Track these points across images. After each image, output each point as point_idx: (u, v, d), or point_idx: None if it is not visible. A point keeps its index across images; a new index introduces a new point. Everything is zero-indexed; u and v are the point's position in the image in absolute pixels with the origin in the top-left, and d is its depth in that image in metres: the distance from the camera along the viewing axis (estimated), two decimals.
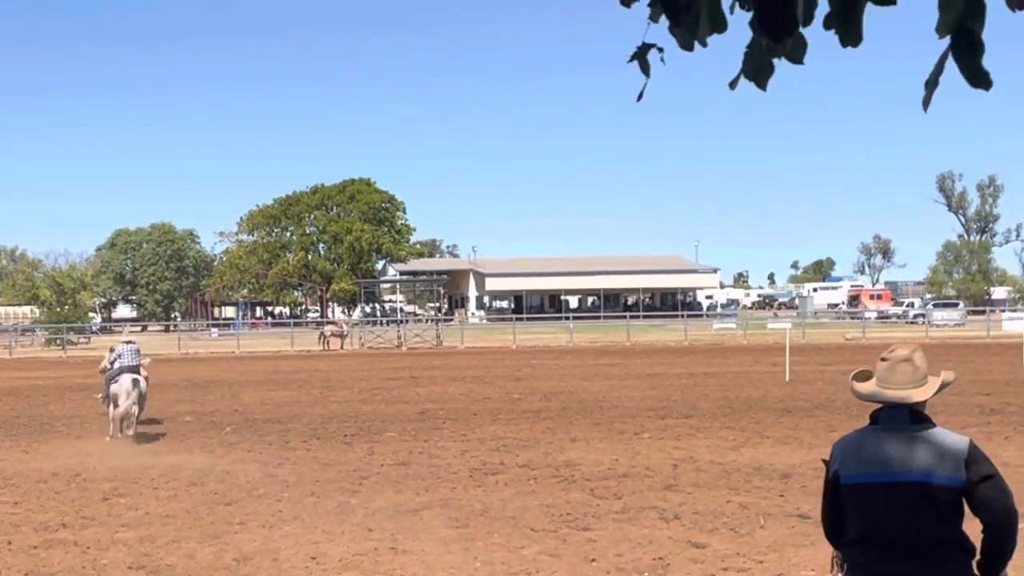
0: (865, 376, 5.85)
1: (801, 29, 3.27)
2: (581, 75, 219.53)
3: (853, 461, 5.61)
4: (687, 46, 3.43)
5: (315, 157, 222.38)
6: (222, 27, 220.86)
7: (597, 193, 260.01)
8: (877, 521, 5.53)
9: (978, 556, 5.56)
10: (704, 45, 3.44)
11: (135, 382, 23.25)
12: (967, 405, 26.89)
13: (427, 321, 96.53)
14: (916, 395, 5.64)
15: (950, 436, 5.54)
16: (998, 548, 5.48)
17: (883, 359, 5.76)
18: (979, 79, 3.20)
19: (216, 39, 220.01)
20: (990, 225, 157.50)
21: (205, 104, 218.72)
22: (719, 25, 3.41)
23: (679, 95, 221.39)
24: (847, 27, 3.23)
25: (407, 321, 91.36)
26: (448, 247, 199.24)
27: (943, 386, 5.75)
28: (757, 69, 3.45)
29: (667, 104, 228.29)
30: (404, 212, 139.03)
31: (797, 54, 3.40)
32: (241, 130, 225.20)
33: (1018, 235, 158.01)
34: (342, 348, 69.52)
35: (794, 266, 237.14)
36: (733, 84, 3.54)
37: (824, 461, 6.22)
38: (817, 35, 3.34)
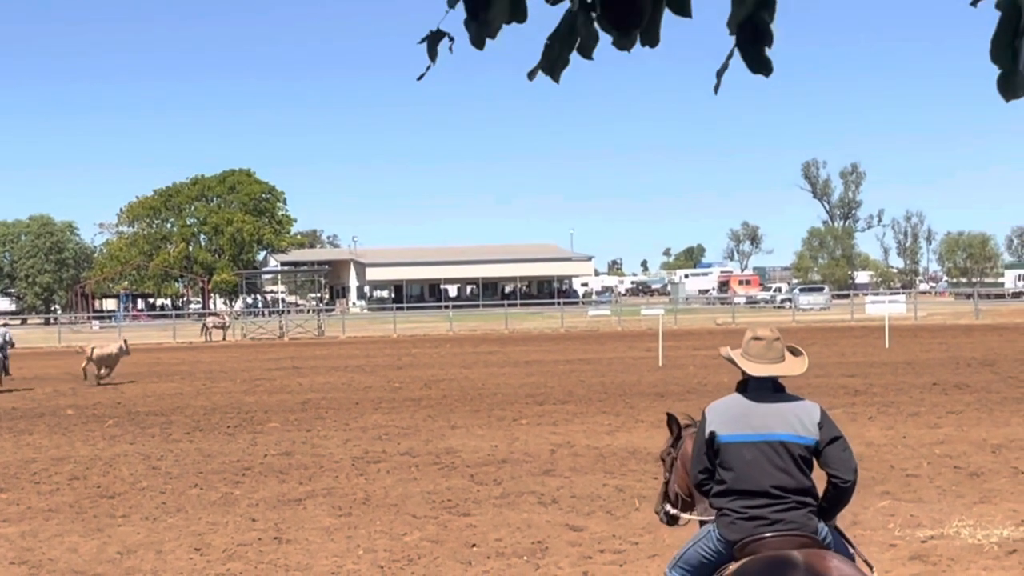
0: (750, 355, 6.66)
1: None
2: (457, 65, 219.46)
3: (729, 423, 6.38)
4: (478, 43, 3.42)
5: (194, 148, 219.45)
6: (94, 14, 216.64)
7: (475, 183, 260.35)
8: (747, 473, 6.28)
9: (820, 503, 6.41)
10: (492, 37, 3.43)
11: None
12: (832, 387, 27.38)
13: (309, 311, 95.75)
14: (799, 369, 6.60)
15: (805, 403, 6.50)
16: (838, 499, 6.42)
17: (757, 338, 6.60)
18: (759, 65, 3.29)
19: (88, 27, 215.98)
20: (853, 211, 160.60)
21: (81, 93, 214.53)
22: (519, 15, 3.40)
23: (550, 86, 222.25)
24: (646, 31, 3.28)
25: (289, 312, 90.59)
26: (329, 237, 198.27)
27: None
28: (555, 62, 3.45)
29: (541, 95, 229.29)
30: (284, 203, 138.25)
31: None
32: (119, 120, 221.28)
33: (880, 221, 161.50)
34: (224, 339, 68.83)
35: (666, 253, 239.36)
36: (531, 75, 3.53)
37: (668, 415, 7.78)
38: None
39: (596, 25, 3.35)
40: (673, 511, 7.47)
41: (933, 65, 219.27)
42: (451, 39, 3.58)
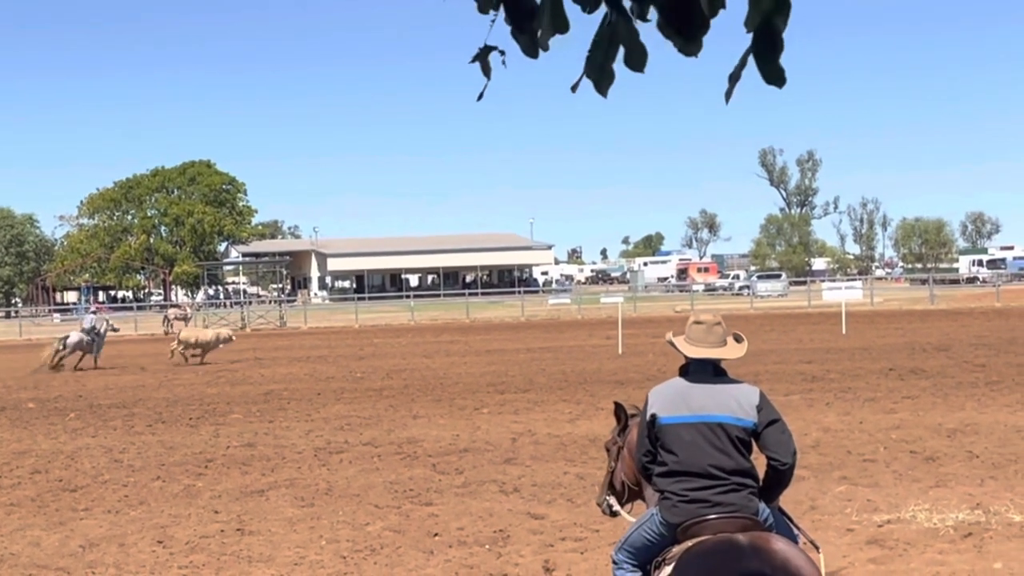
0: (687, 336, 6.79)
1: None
2: (419, 57, 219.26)
3: (668, 405, 6.49)
4: (531, 53, 3.37)
5: (154, 139, 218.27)
6: (54, 6, 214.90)
7: (435, 172, 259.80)
8: (688, 454, 6.36)
9: (760, 485, 6.51)
10: (546, 48, 3.38)
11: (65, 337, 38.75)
12: (790, 373, 27.52)
13: (270, 302, 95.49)
14: (737, 353, 6.63)
15: (744, 386, 6.56)
16: (778, 481, 6.54)
17: (698, 322, 6.70)
18: (774, 77, 3.25)
19: (47, 19, 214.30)
20: (809, 198, 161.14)
21: (40, 85, 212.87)
22: (561, 26, 3.36)
23: (512, 77, 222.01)
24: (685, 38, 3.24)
25: (250, 303, 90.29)
26: (290, 228, 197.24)
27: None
28: (599, 73, 3.40)
29: (501, 86, 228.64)
30: (245, 194, 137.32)
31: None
32: (79, 112, 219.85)
33: (836, 207, 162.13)
34: None
35: (625, 241, 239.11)
36: (575, 88, 3.47)
37: (616, 403, 7.69)
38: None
39: (641, 37, 3.30)
40: (616, 506, 7.50)
41: (887, 53, 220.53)
42: (502, 53, 3.53)
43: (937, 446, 16.45)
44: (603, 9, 3.34)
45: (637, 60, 3.36)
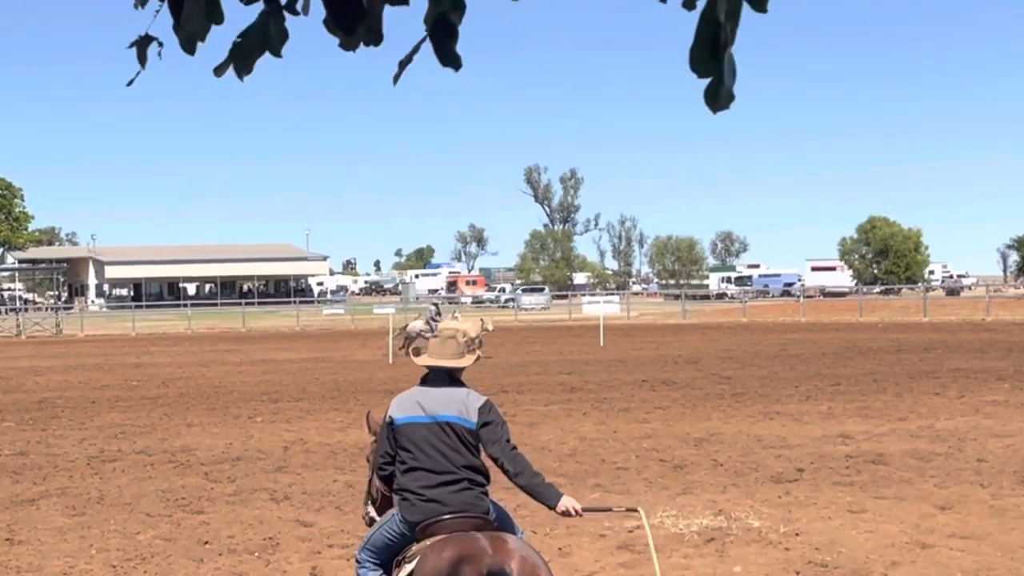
0: (417, 352, 7.36)
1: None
2: (197, 64, 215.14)
3: (405, 408, 6.85)
4: (188, 48, 3.35)
5: None
6: None
7: (213, 182, 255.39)
8: (421, 451, 6.69)
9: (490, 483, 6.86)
10: (202, 40, 3.35)
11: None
12: (550, 384, 27.92)
13: (46, 309, 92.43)
14: (460, 363, 6.95)
15: (473, 393, 6.91)
16: (513, 461, 6.72)
17: (435, 336, 7.15)
18: (449, 60, 3.34)
19: None
20: (572, 215, 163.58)
21: None
22: (216, 17, 3.34)
23: (289, 88, 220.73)
24: (368, 31, 3.28)
25: (26, 309, 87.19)
26: (67, 235, 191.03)
27: (477, 358, 7.11)
28: (241, 63, 3.39)
29: (274, 96, 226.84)
30: (22, 199, 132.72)
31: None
32: None
33: (596, 224, 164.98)
34: None
35: (398, 254, 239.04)
36: (219, 71, 3.44)
37: (369, 413, 7.89)
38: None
39: (287, 24, 3.30)
40: (372, 513, 7.53)
41: (642, 72, 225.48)
42: (160, 44, 3.48)
43: (685, 455, 16.91)
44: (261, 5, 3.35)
45: (278, 47, 3.37)
